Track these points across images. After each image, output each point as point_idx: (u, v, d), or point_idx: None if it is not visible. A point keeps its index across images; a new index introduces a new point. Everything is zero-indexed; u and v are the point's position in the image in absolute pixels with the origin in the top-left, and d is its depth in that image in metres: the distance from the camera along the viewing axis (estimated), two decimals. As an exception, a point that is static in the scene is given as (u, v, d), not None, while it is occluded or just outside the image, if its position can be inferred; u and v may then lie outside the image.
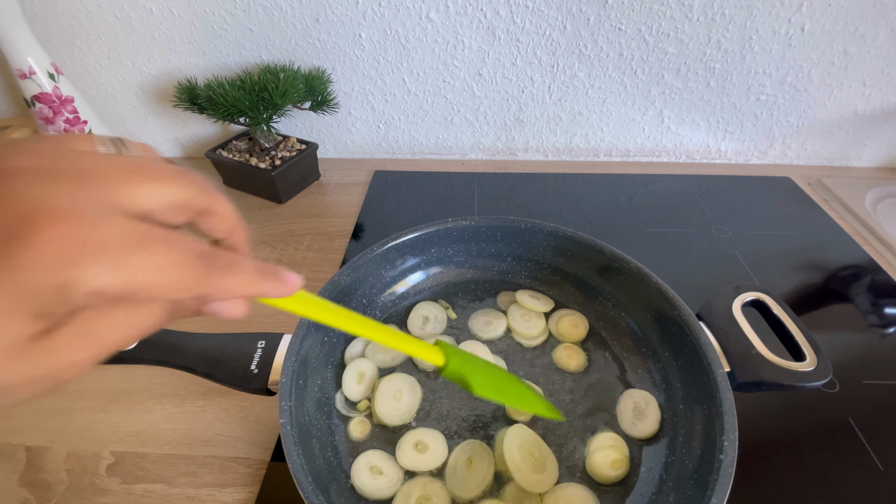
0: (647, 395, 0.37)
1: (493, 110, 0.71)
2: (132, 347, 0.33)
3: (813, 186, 0.69)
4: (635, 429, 0.36)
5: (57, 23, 0.64)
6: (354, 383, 0.38)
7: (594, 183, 0.70)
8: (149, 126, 0.76)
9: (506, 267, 0.47)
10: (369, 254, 0.41)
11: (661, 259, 0.56)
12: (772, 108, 0.68)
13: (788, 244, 0.58)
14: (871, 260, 0.55)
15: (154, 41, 0.66)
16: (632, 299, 0.41)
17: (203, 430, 0.40)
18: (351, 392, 0.38)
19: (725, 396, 0.31)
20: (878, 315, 0.49)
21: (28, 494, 0.36)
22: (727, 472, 0.27)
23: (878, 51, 0.61)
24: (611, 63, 0.65)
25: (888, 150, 0.72)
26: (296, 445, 0.29)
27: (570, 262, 0.45)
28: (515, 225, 0.45)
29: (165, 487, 0.36)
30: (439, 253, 0.46)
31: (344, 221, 0.63)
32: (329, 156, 0.79)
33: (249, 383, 0.33)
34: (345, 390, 0.38)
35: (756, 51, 0.62)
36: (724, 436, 0.29)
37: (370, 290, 0.43)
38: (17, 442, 0.39)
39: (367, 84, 0.69)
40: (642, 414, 0.36)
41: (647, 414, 0.36)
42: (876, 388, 0.42)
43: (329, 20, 0.63)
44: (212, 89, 0.57)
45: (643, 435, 0.35)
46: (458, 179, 0.71)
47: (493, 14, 0.61)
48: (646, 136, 0.73)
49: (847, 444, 0.38)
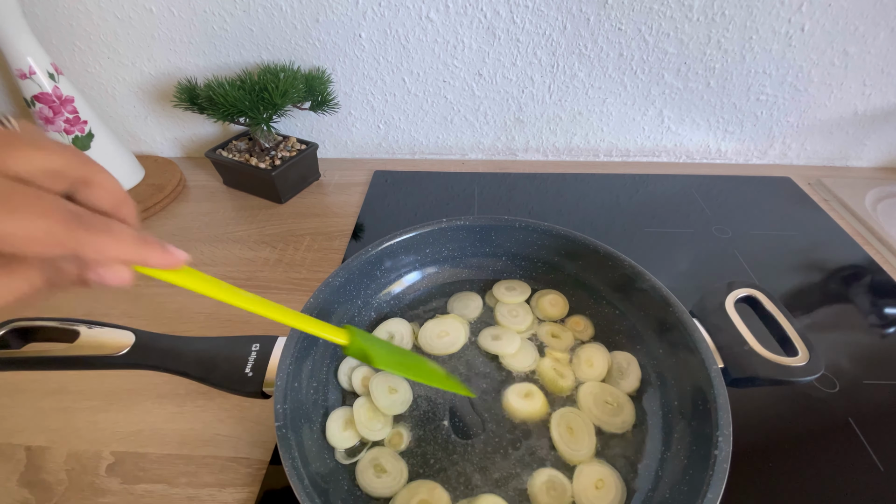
0: (629, 355, 0.40)
1: (493, 110, 0.71)
2: (125, 353, 0.33)
3: (813, 186, 0.69)
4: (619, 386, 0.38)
5: (57, 23, 0.64)
6: (339, 430, 0.35)
7: (594, 183, 0.70)
8: (149, 126, 0.76)
9: (501, 266, 0.47)
10: (364, 254, 0.41)
11: (661, 259, 0.56)
12: (772, 108, 0.68)
13: (788, 244, 0.58)
14: (870, 260, 0.55)
15: (154, 41, 0.66)
16: (627, 297, 0.41)
17: (203, 430, 0.40)
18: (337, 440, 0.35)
19: (720, 392, 0.31)
20: (878, 315, 0.49)
21: (28, 494, 0.36)
22: (722, 466, 0.27)
23: (878, 51, 0.61)
24: (611, 63, 0.65)
25: (888, 150, 0.72)
26: (291, 448, 0.29)
27: (564, 261, 0.45)
28: (510, 224, 0.45)
29: (165, 487, 0.36)
30: (434, 253, 0.46)
31: (344, 221, 0.63)
32: (329, 156, 0.79)
33: (244, 387, 0.33)
34: (332, 440, 0.35)
35: (756, 51, 0.62)
36: (718, 431, 0.29)
37: (366, 291, 0.43)
38: (17, 442, 0.39)
39: (367, 84, 0.69)
40: (624, 373, 0.39)
41: (629, 372, 0.38)
42: (876, 388, 0.42)
43: (329, 20, 0.63)
44: (212, 89, 0.57)
45: (628, 390, 0.38)
46: (458, 179, 0.71)
47: (493, 14, 0.61)
48: (646, 136, 0.73)
49: (847, 444, 0.38)
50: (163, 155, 0.79)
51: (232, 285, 0.22)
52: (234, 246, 0.59)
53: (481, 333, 0.43)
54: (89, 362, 0.32)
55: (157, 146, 0.78)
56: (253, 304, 0.23)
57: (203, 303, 0.51)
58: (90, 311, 0.50)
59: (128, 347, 0.33)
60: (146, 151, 0.79)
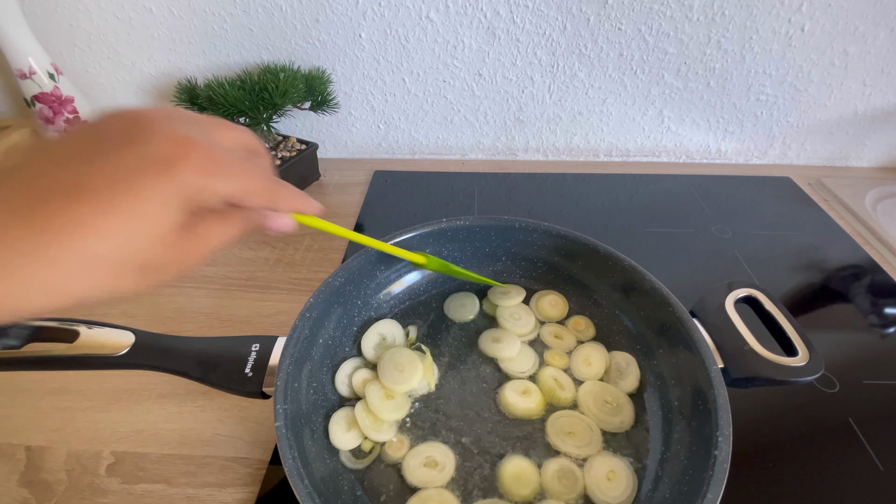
0: (627, 355, 0.40)
1: (493, 110, 0.71)
2: (125, 353, 0.33)
3: (813, 186, 0.69)
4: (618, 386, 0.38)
5: (57, 23, 0.64)
6: (343, 431, 0.35)
7: (594, 183, 0.70)
8: (149, 126, 0.76)
9: (501, 266, 0.47)
10: (364, 254, 0.41)
11: (661, 259, 0.56)
12: (772, 108, 0.68)
13: (788, 244, 0.58)
14: (870, 260, 0.55)
15: (154, 41, 0.66)
16: (626, 297, 0.41)
17: (203, 430, 0.40)
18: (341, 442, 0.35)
19: (719, 392, 0.31)
20: (878, 315, 0.49)
21: (28, 494, 0.36)
22: (722, 467, 0.27)
23: (878, 51, 0.61)
24: (611, 63, 0.65)
25: (888, 150, 0.72)
26: (291, 448, 0.29)
27: (564, 262, 0.45)
28: (510, 224, 0.45)
29: (165, 487, 0.36)
30: (435, 253, 0.46)
31: (344, 221, 0.63)
32: (329, 156, 0.79)
33: (244, 387, 0.33)
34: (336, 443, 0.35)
35: (756, 51, 0.62)
36: (718, 431, 0.29)
37: (365, 291, 0.43)
38: (17, 442, 0.39)
39: (367, 84, 0.69)
40: (623, 373, 0.39)
41: (629, 373, 0.39)
42: (876, 388, 0.42)
43: (329, 20, 0.63)
44: (212, 89, 0.57)
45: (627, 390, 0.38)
46: (458, 179, 0.71)
47: (493, 14, 0.61)
48: (646, 136, 0.73)
49: (847, 444, 0.38)
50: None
51: (341, 227, 0.32)
52: (233, 246, 0.59)
53: (482, 336, 0.43)
54: (89, 362, 0.32)
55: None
56: (356, 237, 0.33)
57: (203, 303, 0.51)
58: (90, 311, 0.50)
59: (128, 347, 0.33)
60: (146, 151, 0.79)
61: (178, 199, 0.19)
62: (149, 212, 0.18)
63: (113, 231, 0.17)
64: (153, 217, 0.18)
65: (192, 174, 0.19)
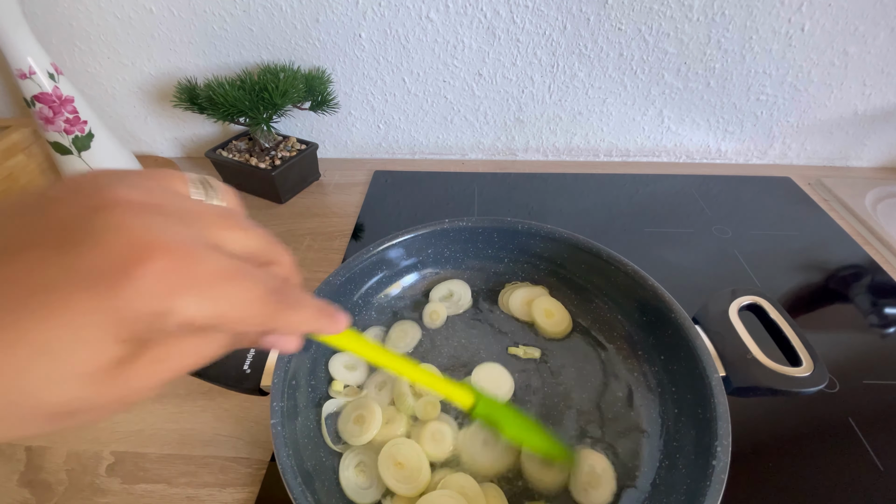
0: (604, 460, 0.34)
1: (493, 110, 0.71)
2: None
3: (813, 186, 0.69)
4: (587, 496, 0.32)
5: (57, 23, 0.64)
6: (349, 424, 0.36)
7: (594, 183, 0.70)
8: (149, 126, 0.76)
9: (502, 268, 0.47)
10: (364, 254, 0.41)
11: (661, 259, 0.56)
12: (772, 108, 0.68)
13: (788, 244, 0.58)
14: (871, 260, 0.55)
15: (154, 41, 0.66)
16: (628, 302, 0.41)
17: (203, 430, 0.40)
18: None
19: (720, 401, 0.30)
20: (878, 315, 0.49)
21: (28, 494, 0.36)
22: (719, 478, 0.27)
23: (878, 51, 0.61)
24: (611, 63, 0.65)
25: (888, 150, 0.72)
26: (286, 446, 0.29)
27: (566, 264, 0.45)
28: (513, 226, 0.45)
29: (165, 487, 0.36)
30: (436, 254, 0.46)
31: (344, 221, 0.63)
32: (329, 156, 0.79)
33: (242, 383, 0.33)
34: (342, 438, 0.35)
35: (756, 51, 0.62)
36: (717, 441, 0.29)
37: (366, 291, 0.43)
38: (17, 442, 0.39)
39: (367, 84, 0.69)
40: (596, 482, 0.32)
41: (603, 482, 0.32)
42: (876, 388, 0.42)
43: (329, 20, 0.63)
44: (212, 89, 0.57)
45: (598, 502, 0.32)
46: (458, 179, 0.71)
47: (493, 14, 0.61)
48: (646, 136, 0.73)
49: (847, 444, 0.38)
50: (163, 155, 0.79)
51: (378, 343, 0.25)
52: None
53: None
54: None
55: (157, 146, 0.78)
56: (395, 363, 0.26)
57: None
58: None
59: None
60: (146, 151, 0.79)
61: (117, 328, 0.13)
62: (71, 346, 0.13)
63: (13, 371, 0.12)
64: (77, 353, 0.13)
65: (148, 293, 0.13)
